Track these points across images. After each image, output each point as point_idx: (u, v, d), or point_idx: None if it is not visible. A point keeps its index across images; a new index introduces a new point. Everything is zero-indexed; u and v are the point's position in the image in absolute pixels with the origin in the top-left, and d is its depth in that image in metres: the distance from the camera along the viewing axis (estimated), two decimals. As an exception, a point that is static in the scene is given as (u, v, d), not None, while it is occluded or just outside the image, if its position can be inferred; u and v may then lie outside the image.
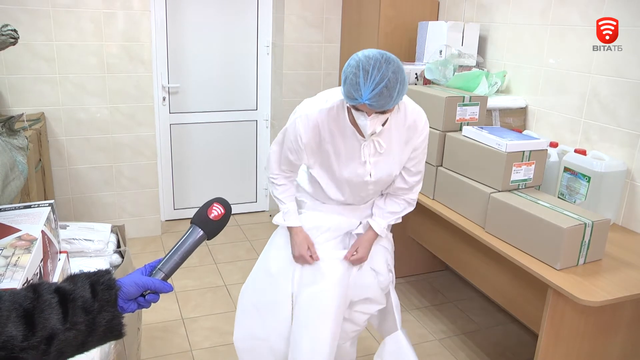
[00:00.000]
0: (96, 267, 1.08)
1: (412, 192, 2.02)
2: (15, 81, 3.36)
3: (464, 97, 2.55)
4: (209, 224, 1.10)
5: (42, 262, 1.45)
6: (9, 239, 1.43)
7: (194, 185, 4.30)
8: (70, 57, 3.43)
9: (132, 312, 1.00)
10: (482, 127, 2.43)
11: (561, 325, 1.94)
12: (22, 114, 2.78)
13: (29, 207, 1.66)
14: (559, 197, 2.43)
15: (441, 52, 3.14)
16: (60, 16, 3.34)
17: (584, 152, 2.41)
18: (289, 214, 2.04)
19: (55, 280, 1.58)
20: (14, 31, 1.97)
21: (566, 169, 2.41)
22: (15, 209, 1.64)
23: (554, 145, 2.56)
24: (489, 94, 2.86)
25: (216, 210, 1.11)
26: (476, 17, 3.30)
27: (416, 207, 3.06)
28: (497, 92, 3.01)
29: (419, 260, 3.52)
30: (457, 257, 2.78)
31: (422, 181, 2.02)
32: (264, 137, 4.40)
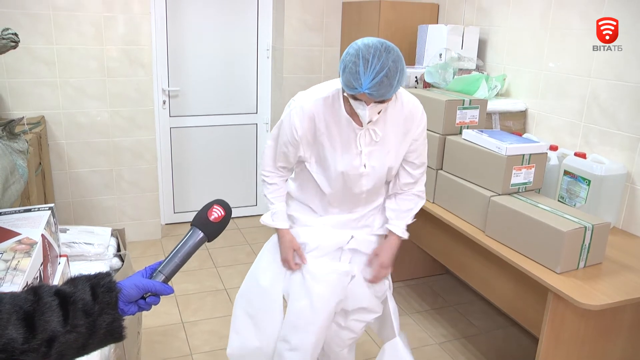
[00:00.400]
0: (96, 270, 1.08)
1: (419, 184, 2.00)
2: (15, 85, 3.36)
3: (463, 100, 2.55)
4: (209, 226, 1.10)
5: (42, 266, 1.45)
6: (9, 243, 1.43)
7: (194, 188, 4.30)
8: (70, 61, 3.44)
9: (133, 315, 1.00)
10: (482, 131, 2.43)
11: (561, 328, 1.94)
12: (22, 117, 2.78)
13: (29, 210, 1.66)
14: (559, 201, 2.43)
15: (441, 55, 3.15)
16: (60, 20, 3.35)
17: (583, 156, 2.41)
18: (277, 215, 2.00)
19: (55, 284, 1.57)
20: (15, 35, 1.97)
21: (566, 173, 2.41)
22: (15, 212, 1.64)
23: (553, 148, 2.56)
24: (488, 97, 2.86)
25: (216, 212, 1.11)
26: (476, 20, 3.31)
27: (416, 211, 3.04)
28: (497, 95, 3.01)
29: (419, 263, 3.51)
30: (457, 261, 2.78)
31: (425, 173, 2.01)
32: (264, 140, 4.40)
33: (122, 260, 2.25)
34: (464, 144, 2.43)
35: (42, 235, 1.49)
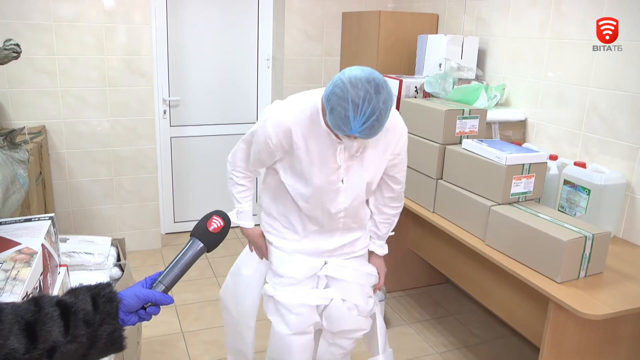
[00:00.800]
0: (96, 280, 1.08)
1: (399, 199, 2.02)
2: (17, 95, 3.38)
3: (463, 110, 2.56)
4: (209, 236, 1.12)
5: (42, 276, 1.45)
6: (9, 253, 1.43)
7: (194, 198, 4.30)
8: (71, 71, 3.45)
9: (133, 325, 1.00)
10: (481, 140, 2.43)
11: (563, 338, 1.93)
12: (23, 127, 2.79)
13: (30, 220, 1.66)
14: (559, 210, 2.43)
15: (441, 65, 3.16)
16: (62, 30, 3.37)
17: (583, 165, 2.41)
18: (243, 215, 2.04)
19: (55, 293, 1.57)
20: (17, 45, 1.98)
21: (566, 182, 2.41)
22: (15, 222, 1.64)
23: (553, 158, 2.57)
24: (488, 107, 2.87)
25: (215, 222, 1.13)
26: (475, 30, 3.33)
27: (416, 220, 3.06)
28: (497, 105, 3.02)
29: (419, 273, 3.51)
30: (458, 270, 2.78)
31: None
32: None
33: (122, 269, 2.25)
34: (463, 154, 2.43)
35: (42, 245, 1.49)
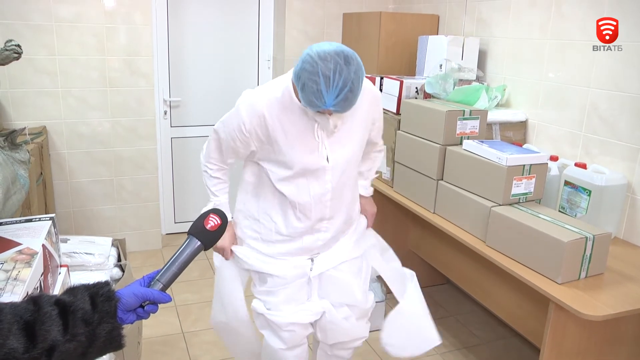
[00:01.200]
0: (97, 280, 1.09)
1: (380, 144, 2.06)
2: (17, 95, 3.38)
3: (464, 111, 2.56)
4: (206, 234, 1.12)
5: (42, 276, 1.45)
6: (10, 253, 1.43)
7: (194, 198, 4.30)
8: (72, 72, 3.46)
9: (132, 323, 1.01)
10: (482, 141, 2.43)
11: (563, 339, 1.93)
12: (24, 128, 2.80)
13: (30, 220, 1.66)
14: (559, 211, 2.43)
15: (441, 66, 3.16)
16: (63, 31, 3.37)
17: (584, 166, 2.41)
18: (221, 207, 1.96)
19: (55, 293, 1.57)
20: (18, 46, 1.98)
21: (567, 183, 2.41)
22: (16, 222, 1.64)
23: (554, 159, 2.56)
24: (489, 107, 2.87)
25: (212, 220, 1.13)
26: (476, 31, 3.33)
27: (417, 221, 3.06)
28: (497, 105, 3.02)
29: (419, 273, 3.46)
30: (458, 271, 2.78)
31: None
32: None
33: (123, 270, 2.25)
34: (464, 155, 2.43)
35: (43, 245, 1.50)
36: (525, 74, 2.95)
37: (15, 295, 1.25)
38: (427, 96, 3.07)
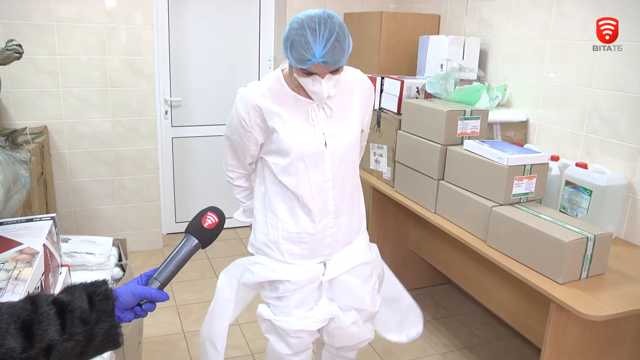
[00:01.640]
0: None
1: (365, 133, 2.07)
2: (19, 95, 3.38)
3: (465, 110, 2.55)
4: (204, 232, 1.12)
5: (43, 276, 1.45)
6: (11, 253, 1.44)
7: (195, 198, 4.30)
8: (73, 71, 3.46)
9: (129, 322, 1.01)
10: (483, 141, 2.43)
11: (564, 339, 1.93)
12: (25, 127, 2.80)
13: (31, 220, 1.66)
14: (560, 211, 2.42)
15: (442, 66, 3.16)
16: (64, 31, 3.37)
17: (585, 166, 2.41)
18: (250, 211, 2.05)
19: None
20: (19, 46, 1.99)
21: (567, 183, 2.41)
22: (17, 222, 1.65)
23: (555, 158, 2.56)
24: (490, 107, 2.87)
25: (210, 219, 1.13)
26: (477, 31, 3.32)
27: (417, 221, 3.06)
28: (498, 105, 3.01)
29: (420, 273, 3.51)
30: (459, 271, 2.77)
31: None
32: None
33: (124, 270, 2.25)
34: (465, 155, 2.43)
35: (44, 245, 1.50)
36: (526, 73, 2.95)
37: (16, 294, 1.25)
38: (428, 96, 3.07)
